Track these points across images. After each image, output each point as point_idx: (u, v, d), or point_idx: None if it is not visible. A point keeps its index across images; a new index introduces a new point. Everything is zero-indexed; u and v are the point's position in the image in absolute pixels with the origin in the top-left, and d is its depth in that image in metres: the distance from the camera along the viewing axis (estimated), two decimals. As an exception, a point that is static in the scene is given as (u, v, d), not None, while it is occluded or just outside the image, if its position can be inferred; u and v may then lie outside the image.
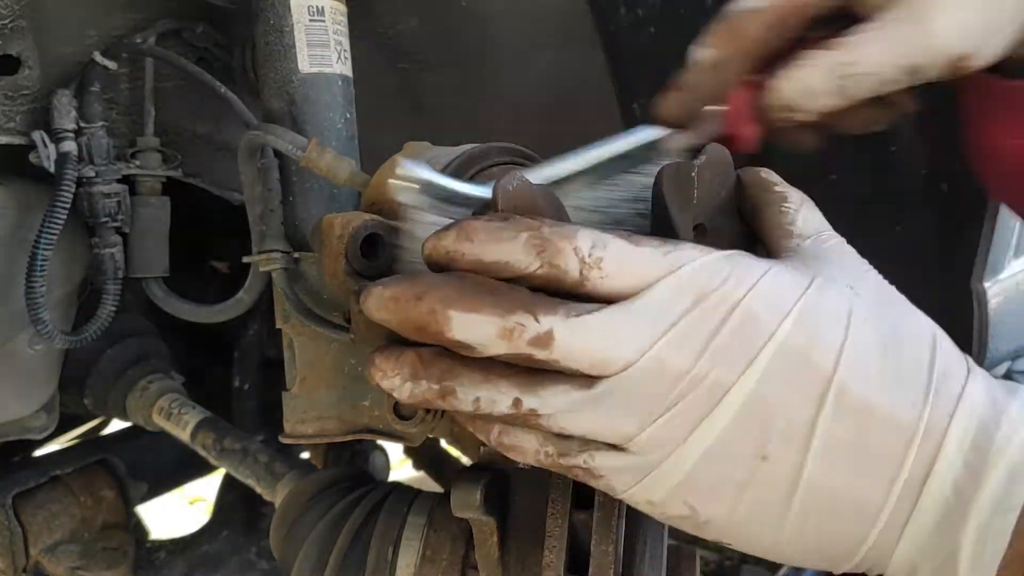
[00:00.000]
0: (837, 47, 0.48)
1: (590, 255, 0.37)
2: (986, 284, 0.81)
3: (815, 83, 0.48)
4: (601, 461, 0.40)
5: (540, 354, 0.37)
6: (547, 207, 0.42)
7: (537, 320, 0.37)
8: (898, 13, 0.48)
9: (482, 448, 0.58)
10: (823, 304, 0.39)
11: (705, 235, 0.47)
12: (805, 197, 0.46)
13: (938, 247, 0.71)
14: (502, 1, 0.85)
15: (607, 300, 0.38)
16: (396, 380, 0.40)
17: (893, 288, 0.44)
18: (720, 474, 0.39)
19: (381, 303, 0.39)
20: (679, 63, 0.66)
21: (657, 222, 0.47)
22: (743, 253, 0.40)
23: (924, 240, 0.72)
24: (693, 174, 0.45)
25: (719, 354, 0.38)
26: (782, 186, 0.46)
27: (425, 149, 0.60)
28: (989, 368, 0.84)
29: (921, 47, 0.48)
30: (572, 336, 0.37)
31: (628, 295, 0.38)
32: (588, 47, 0.86)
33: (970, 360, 0.43)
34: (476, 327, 0.37)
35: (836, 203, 0.69)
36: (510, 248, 0.37)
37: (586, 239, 0.37)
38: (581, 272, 0.37)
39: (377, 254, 0.54)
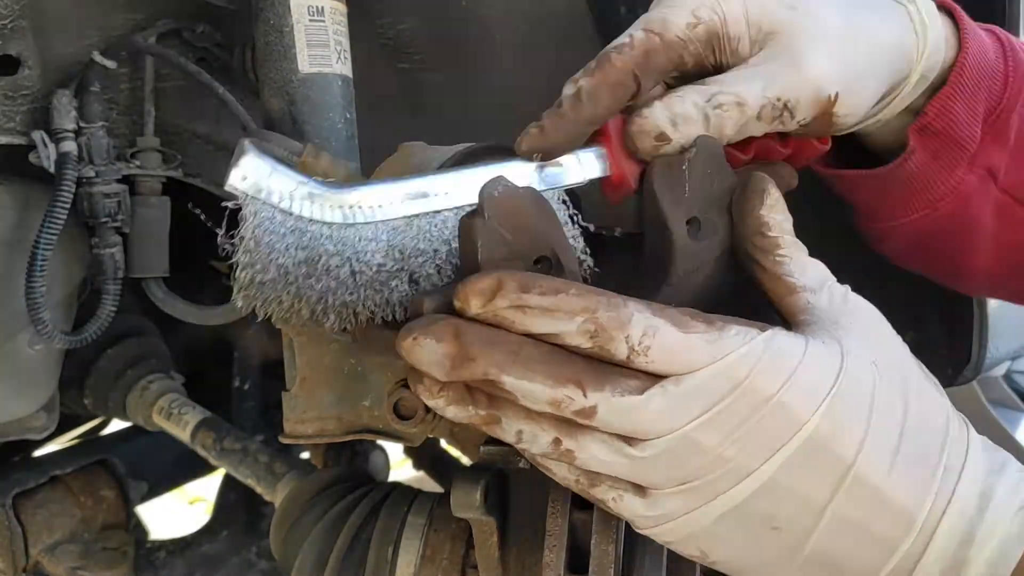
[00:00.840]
0: (710, 82, 0.49)
1: (640, 343, 0.39)
2: (986, 284, 0.81)
3: (685, 110, 0.48)
4: (627, 503, 0.42)
5: (582, 421, 0.40)
6: (535, 212, 0.42)
7: (585, 395, 0.39)
8: (772, 51, 0.50)
9: (482, 448, 0.58)
10: (851, 394, 0.41)
11: (699, 228, 0.47)
12: (795, 240, 0.47)
13: (938, 247, 0.71)
14: (502, 1, 0.85)
15: (650, 374, 0.40)
16: (441, 402, 0.41)
17: (908, 354, 0.46)
18: (731, 533, 0.42)
19: (432, 358, 0.39)
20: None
21: (648, 217, 0.46)
22: (782, 334, 0.41)
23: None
24: (684, 167, 0.45)
25: (747, 441, 0.40)
26: (775, 230, 0.46)
27: (420, 150, 0.60)
28: (989, 368, 0.84)
29: (793, 82, 0.49)
30: (612, 413, 0.39)
31: (671, 375, 0.39)
32: (588, 47, 0.86)
33: (969, 429, 0.45)
34: (527, 392, 0.39)
35: (839, 204, 0.69)
36: (563, 327, 0.39)
37: (638, 327, 0.39)
38: (628, 356, 0.39)
39: None
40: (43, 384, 0.86)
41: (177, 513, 2.19)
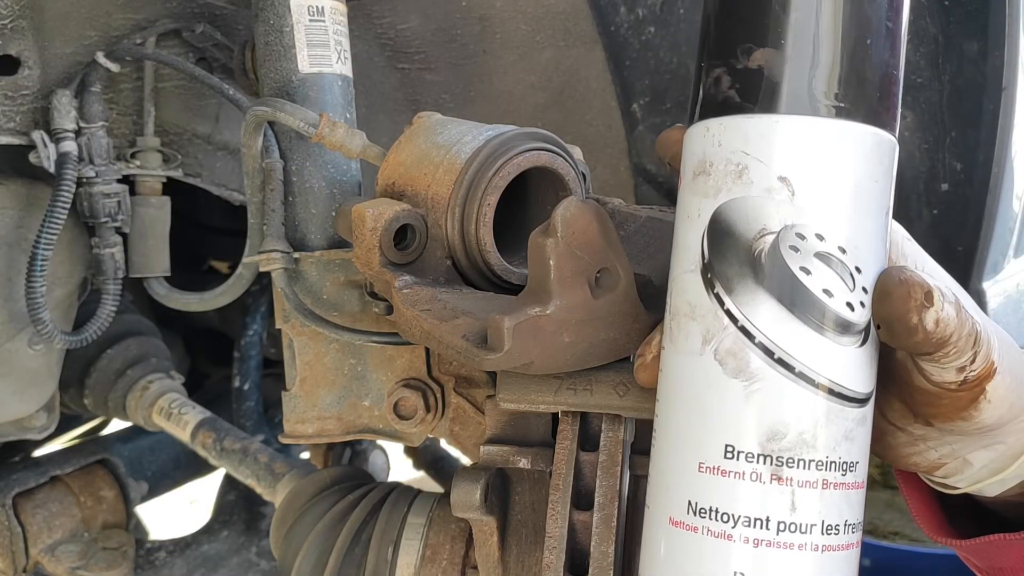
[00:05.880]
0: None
1: None
2: (986, 284, 0.81)
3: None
4: None
5: None
6: (599, 226, 0.42)
7: None
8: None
9: (482, 448, 0.58)
10: None
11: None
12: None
13: (938, 247, 0.71)
14: (502, 1, 0.85)
15: None
16: None
17: None
18: None
19: None
20: (679, 63, 0.67)
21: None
22: None
23: (924, 240, 0.72)
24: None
25: None
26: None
27: (441, 124, 0.58)
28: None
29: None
30: None
31: None
32: (588, 47, 0.86)
33: None
34: None
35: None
36: None
37: None
38: None
39: (407, 243, 0.54)
40: (43, 384, 0.86)
41: (177, 513, 2.18)
